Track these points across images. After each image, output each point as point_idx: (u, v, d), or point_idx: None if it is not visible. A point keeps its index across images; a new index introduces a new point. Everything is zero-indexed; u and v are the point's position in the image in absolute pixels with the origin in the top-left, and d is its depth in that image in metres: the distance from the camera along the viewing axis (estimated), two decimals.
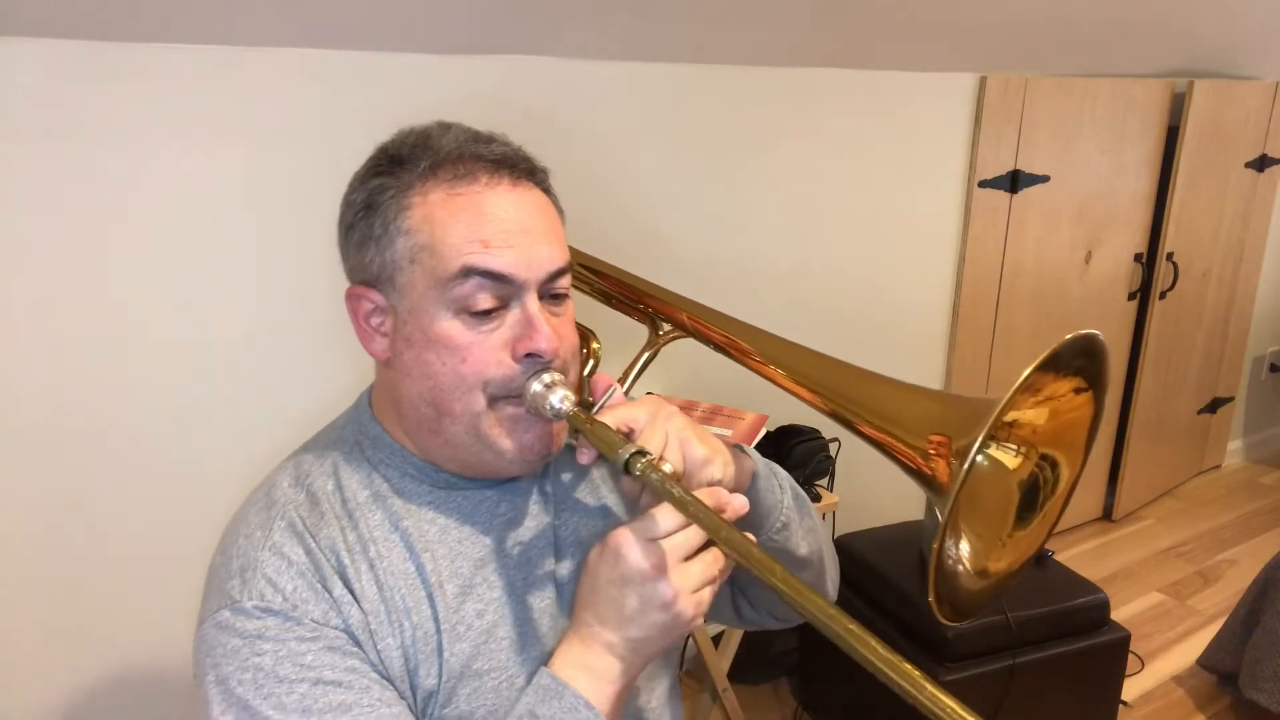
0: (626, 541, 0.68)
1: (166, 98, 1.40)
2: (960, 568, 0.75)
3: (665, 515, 0.68)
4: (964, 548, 0.76)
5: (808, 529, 0.89)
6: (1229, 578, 2.81)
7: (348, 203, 0.77)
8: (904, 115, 2.29)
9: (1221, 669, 2.22)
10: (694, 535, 0.69)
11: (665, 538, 0.68)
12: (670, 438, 0.72)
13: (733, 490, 0.77)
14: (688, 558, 0.69)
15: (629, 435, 0.72)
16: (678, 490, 0.67)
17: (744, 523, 0.82)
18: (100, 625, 1.52)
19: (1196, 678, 2.32)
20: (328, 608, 0.70)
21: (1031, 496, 0.77)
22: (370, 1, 1.44)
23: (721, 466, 0.74)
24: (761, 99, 2.04)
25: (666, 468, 0.70)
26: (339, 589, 0.71)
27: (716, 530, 0.65)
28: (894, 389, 0.78)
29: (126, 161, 1.39)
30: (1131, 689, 2.25)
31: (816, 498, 1.89)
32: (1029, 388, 0.67)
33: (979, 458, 0.66)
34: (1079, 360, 0.72)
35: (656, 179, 1.95)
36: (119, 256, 1.42)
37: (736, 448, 0.83)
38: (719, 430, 1.81)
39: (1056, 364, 0.70)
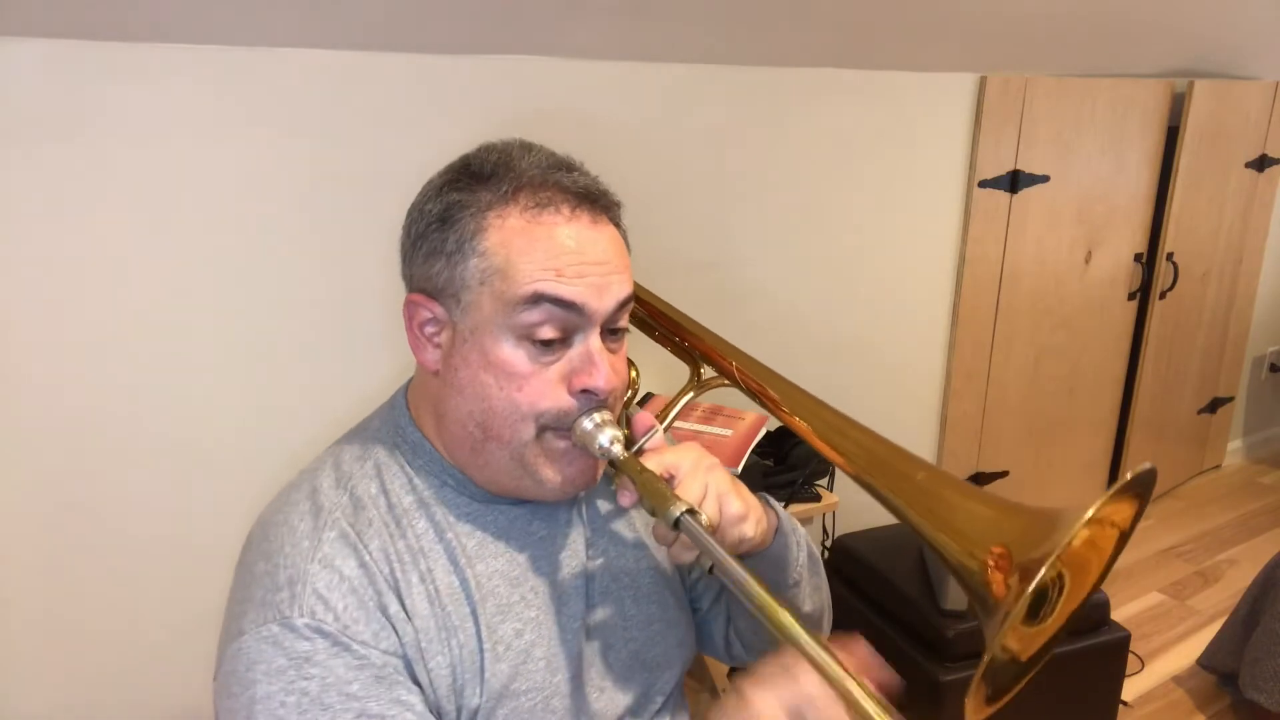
0: (774, 712, 0.62)
1: (168, 98, 1.40)
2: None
3: (809, 681, 0.62)
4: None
5: (814, 587, 0.89)
6: (1229, 578, 2.80)
7: (420, 212, 0.75)
8: (904, 115, 2.29)
9: (1221, 669, 2.22)
10: (834, 700, 0.62)
11: (811, 706, 0.62)
12: (710, 490, 0.72)
13: (758, 545, 0.78)
14: None
15: (669, 481, 0.72)
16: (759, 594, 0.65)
17: (760, 578, 0.82)
18: (103, 625, 1.52)
19: (1196, 678, 2.32)
20: (379, 628, 0.69)
21: (1036, 606, 0.75)
22: (371, 2, 1.44)
23: (754, 524, 0.75)
24: (761, 99, 2.04)
25: (702, 519, 0.69)
26: (393, 606, 0.70)
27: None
28: (940, 482, 0.75)
29: (126, 161, 1.39)
30: (1131, 689, 2.24)
31: (816, 497, 1.89)
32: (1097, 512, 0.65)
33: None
34: (1138, 487, 0.70)
35: (655, 178, 1.95)
36: (120, 256, 1.41)
37: (762, 499, 0.83)
38: (718, 430, 1.81)
39: (1121, 492, 0.67)
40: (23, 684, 1.48)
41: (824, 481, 1.95)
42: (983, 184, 2.47)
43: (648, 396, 1.97)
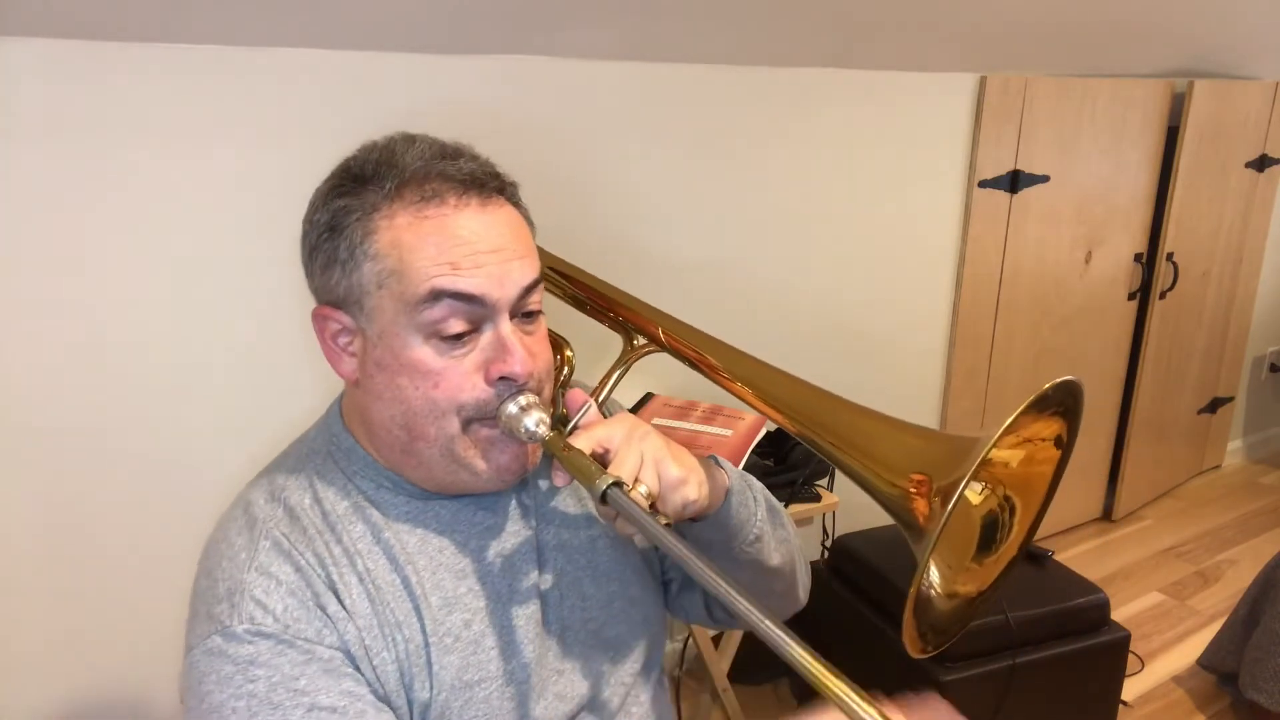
0: None
1: (166, 98, 1.40)
2: (932, 592, 0.74)
3: None
4: (933, 573, 0.75)
5: (780, 540, 0.89)
6: (1229, 578, 2.80)
7: (310, 223, 0.75)
8: (904, 115, 2.29)
9: (1221, 669, 2.22)
10: None
11: None
12: (645, 458, 0.71)
13: (706, 507, 0.77)
14: None
15: (604, 455, 0.71)
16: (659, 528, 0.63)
17: (716, 538, 0.81)
18: (100, 627, 1.52)
19: (1196, 678, 2.32)
20: (321, 625, 0.69)
21: (990, 533, 0.76)
22: (370, 1, 1.44)
23: (696, 487, 0.74)
24: (761, 99, 2.04)
25: (642, 489, 0.69)
26: (332, 605, 0.70)
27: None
28: (871, 421, 0.76)
29: (126, 161, 1.39)
30: (1131, 689, 2.24)
31: (816, 497, 1.89)
32: (1011, 428, 0.66)
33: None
34: (1067, 401, 0.71)
35: (656, 179, 1.95)
36: (118, 256, 1.42)
37: (710, 459, 0.82)
38: (718, 430, 1.81)
39: (1041, 406, 0.68)
40: (22, 686, 1.48)
41: (824, 481, 1.95)
42: (983, 184, 2.47)
43: (648, 397, 1.97)
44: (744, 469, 1.76)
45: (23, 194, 1.33)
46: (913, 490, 0.68)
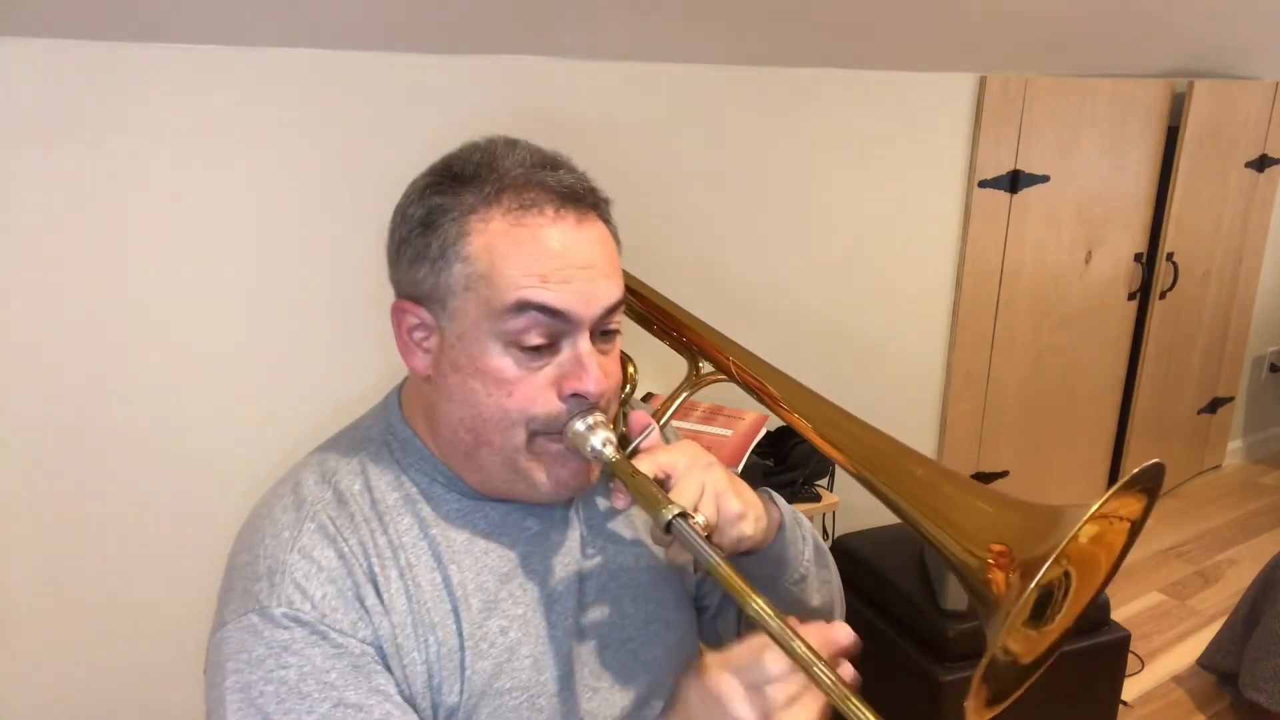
0: (732, 690, 0.62)
1: (166, 98, 1.40)
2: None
3: (774, 662, 0.63)
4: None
5: (823, 580, 0.89)
6: (1229, 578, 2.81)
7: (403, 216, 0.74)
8: (904, 115, 2.29)
9: (1221, 669, 2.22)
10: (798, 681, 0.63)
11: (771, 684, 0.62)
12: (706, 489, 0.72)
13: (759, 543, 0.77)
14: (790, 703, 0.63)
15: (665, 481, 0.72)
16: (777, 624, 0.62)
17: (762, 574, 0.81)
18: (100, 627, 1.52)
19: (1196, 678, 2.32)
20: (356, 618, 0.69)
21: (1042, 604, 0.74)
22: (370, 1, 1.44)
23: (754, 522, 0.74)
24: (761, 99, 2.04)
25: (700, 519, 0.69)
26: (370, 598, 0.70)
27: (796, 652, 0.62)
28: (937, 476, 0.74)
29: (126, 161, 1.39)
30: (1131, 689, 2.24)
31: (816, 497, 1.89)
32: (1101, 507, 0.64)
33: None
34: (1150, 482, 0.69)
35: (654, 179, 1.95)
36: (119, 256, 1.41)
37: (764, 494, 0.82)
38: (718, 430, 1.81)
39: (1130, 485, 0.67)
40: (23, 685, 1.48)
41: (824, 481, 1.95)
42: (983, 184, 2.47)
43: (647, 397, 1.97)
44: (744, 469, 1.77)
45: (22, 194, 1.33)
46: (992, 562, 0.65)
